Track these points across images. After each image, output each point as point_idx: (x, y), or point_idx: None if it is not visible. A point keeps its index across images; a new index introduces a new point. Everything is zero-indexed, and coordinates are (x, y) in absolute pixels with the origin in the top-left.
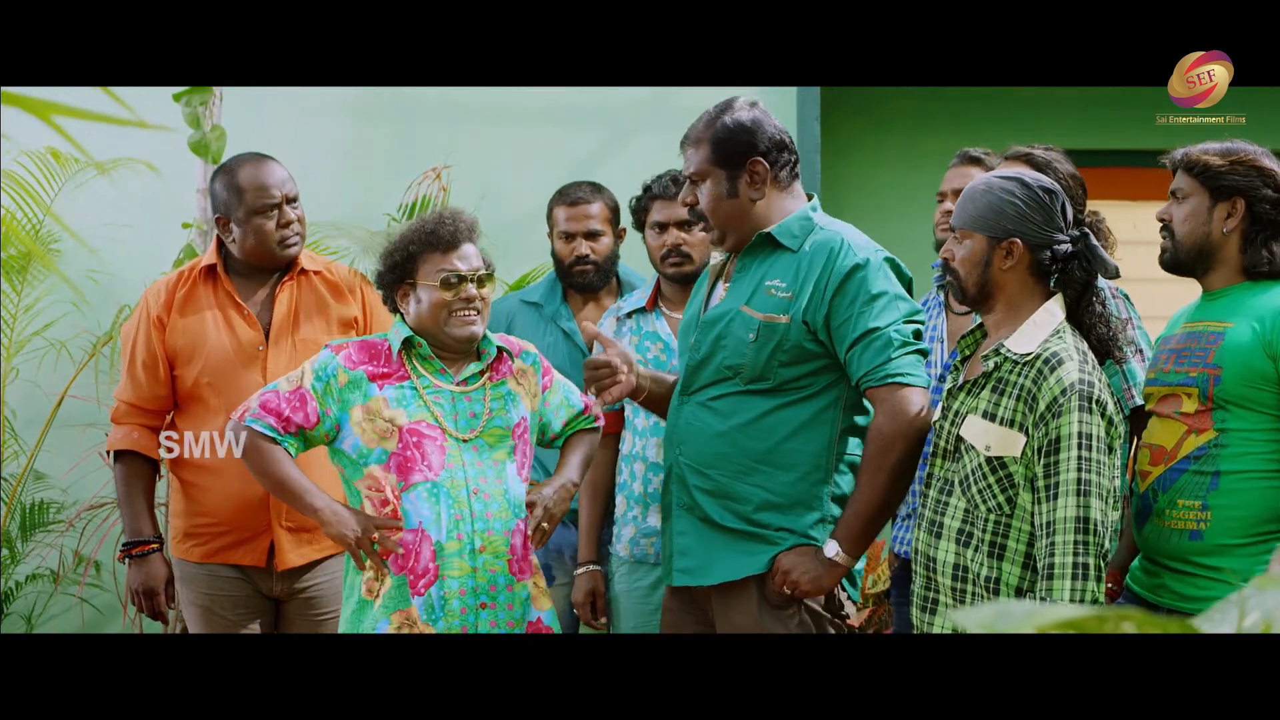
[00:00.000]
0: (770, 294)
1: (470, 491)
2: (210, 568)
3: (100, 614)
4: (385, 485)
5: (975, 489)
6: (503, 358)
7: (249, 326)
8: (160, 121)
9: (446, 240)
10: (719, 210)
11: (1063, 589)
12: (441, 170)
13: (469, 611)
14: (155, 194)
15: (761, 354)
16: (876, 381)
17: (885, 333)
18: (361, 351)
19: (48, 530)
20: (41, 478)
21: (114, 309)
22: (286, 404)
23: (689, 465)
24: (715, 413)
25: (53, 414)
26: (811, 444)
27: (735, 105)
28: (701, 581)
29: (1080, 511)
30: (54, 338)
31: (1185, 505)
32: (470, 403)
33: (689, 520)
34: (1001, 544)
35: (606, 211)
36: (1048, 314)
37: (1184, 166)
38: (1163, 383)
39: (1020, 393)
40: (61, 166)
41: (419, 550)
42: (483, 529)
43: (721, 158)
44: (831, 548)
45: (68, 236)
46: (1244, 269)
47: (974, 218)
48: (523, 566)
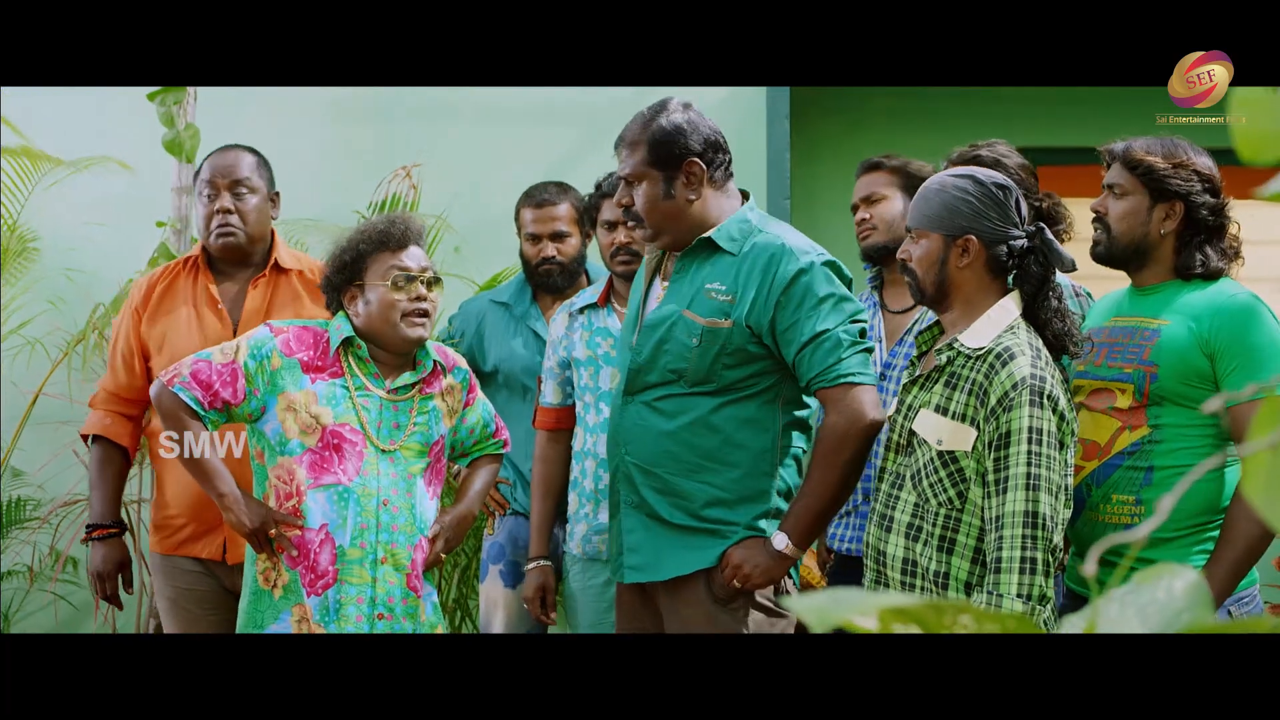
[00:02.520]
0: (711, 297)
1: (380, 502)
2: (174, 560)
3: (76, 610)
4: (295, 479)
5: (926, 483)
6: (436, 372)
7: (218, 322)
8: (134, 120)
9: (396, 240)
10: (655, 211)
11: (1010, 583)
12: (412, 169)
13: (365, 620)
14: (130, 193)
15: (705, 358)
16: (829, 382)
17: (834, 334)
18: (300, 339)
19: (23, 527)
20: (19, 475)
21: (89, 307)
22: (217, 377)
23: (635, 464)
24: (660, 413)
25: (28, 411)
26: (756, 440)
27: (670, 107)
28: (653, 577)
29: (1029, 506)
30: (29, 335)
31: (1120, 500)
32: (396, 412)
33: (637, 518)
34: (951, 538)
35: (573, 212)
36: (1002, 310)
37: (1125, 163)
38: (1094, 376)
39: (972, 387)
40: (35, 165)
41: (319, 551)
42: (387, 540)
43: (657, 159)
44: (780, 540)
45: (45, 235)
46: (1176, 269)
47: (929, 217)
48: (420, 583)
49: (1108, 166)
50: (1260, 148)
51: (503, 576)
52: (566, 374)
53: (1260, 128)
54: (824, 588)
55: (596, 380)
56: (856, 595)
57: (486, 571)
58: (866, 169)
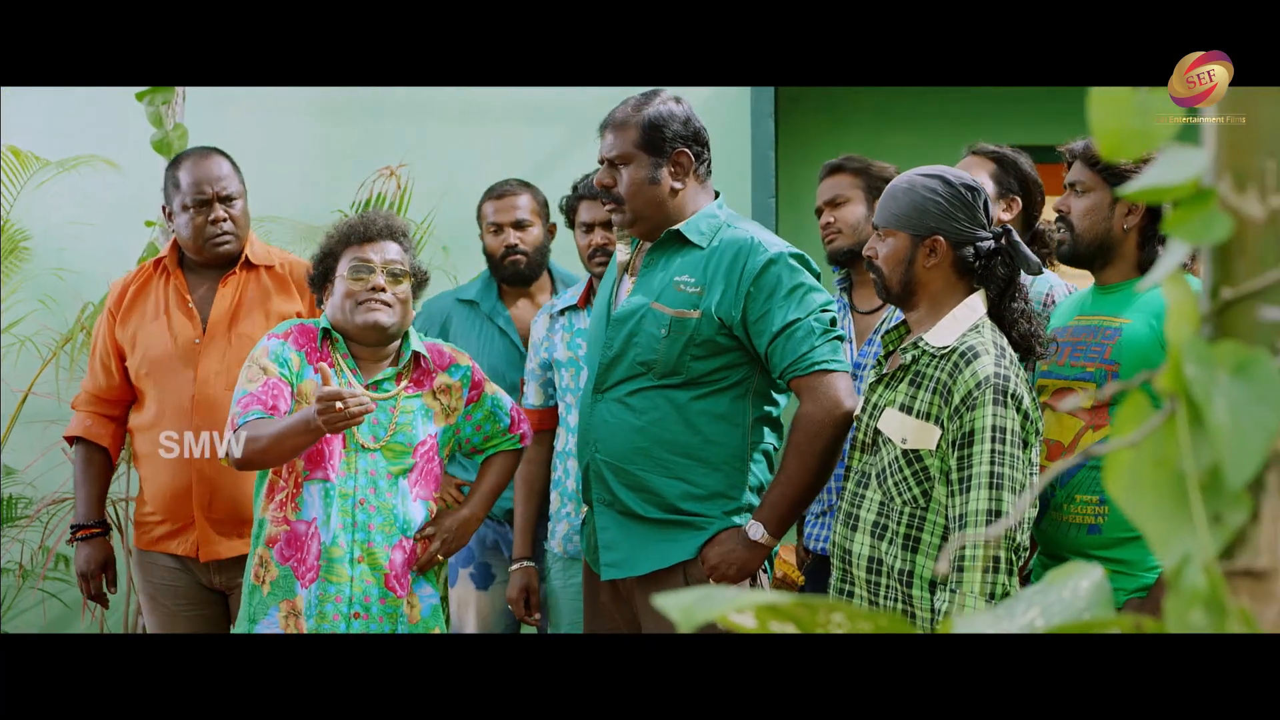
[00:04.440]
0: (679, 289)
1: (356, 501)
2: (152, 556)
3: (67, 608)
4: (292, 471)
5: (891, 482)
6: (425, 370)
7: (187, 320)
8: (122, 120)
9: (361, 234)
10: (639, 195)
11: (973, 581)
12: (397, 168)
13: (341, 619)
14: (119, 193)
15: (673, 349)
16: (802, 371)
17: (805, 322)
18: (302, 335)
19: (14, 525)
20: (11, 473)
21: (79, 306)
22: (268, 396)
23: (606, 462)
24: (630, 409)
25: (17, 410)
26: (728, 436)
27: (663, 95)
28: (630, 572)
29: (992, 505)
30: (20, 334)
31: (1083, 500)
32: (376, 409)
33: (610, 515)
34: (916, 537)
35: (534, 204)
36: (968, 309)
37: (1085, 160)
38: (1057, 375)
39: (936, 385)
40: (22, 165)
41: (309, 544)
42: (363, 540)
43: (648, 143)
44: (756, 529)
45: (35, 234)
46: (1140, 265)
47: (896, 216)
48: (401, 584)
49: (1069, 165)
50: (1121, 146)
51: (473, 579)
52: (548, 375)
53: (1120, 125)
54: (802, 585)
55: (578, 381)
56: (725, 593)
57: (456, 576)
58: (829, 172)
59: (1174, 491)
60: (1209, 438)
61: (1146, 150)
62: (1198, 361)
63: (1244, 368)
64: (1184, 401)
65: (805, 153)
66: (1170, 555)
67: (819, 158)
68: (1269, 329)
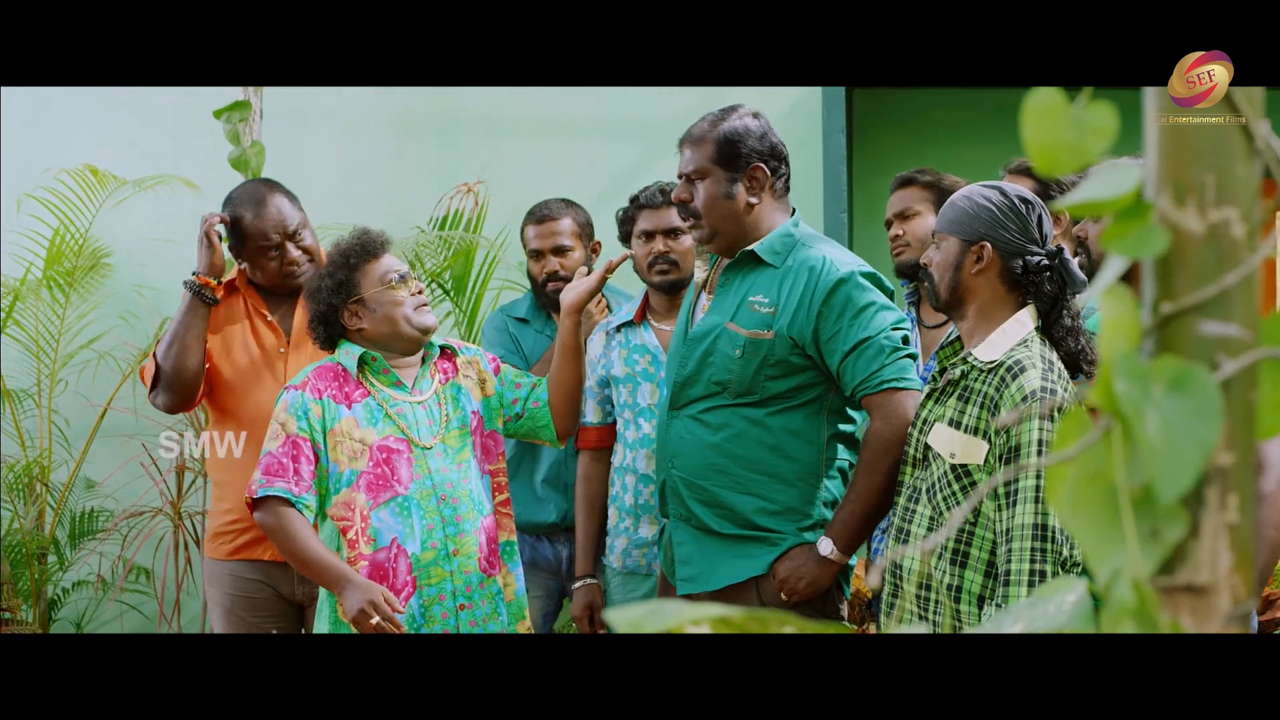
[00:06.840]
0: (754, 309)
1: (439, 499)
2: (234, 565)
3: (146, 620)
4: (355, 508)
5: (940, 496)
6: (447, 355)
7: (271, 334)
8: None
9: (377, 246)
10: (715, 210)
11: (1018, 596)
12: (475, 185)
13: (450, 615)
14: (198, 209)
15: (748, 369)
16: (872, 389)
17: (876, 340)
18: (321, 379)
19: (95, 538)
20: (92, 486)
21: (157, 322)
22: (288, 458)
23: (682, 478)
24: (706, 426)
25: (97, 424)
26: (802, 453)
27: (740, 111)
28: (705, 587)
29: (1039, 519)
30: (99, 349)
31: None
32: (428, 410)
33: (686, 530)
34: (965, 551)
35: (575, 226)
36: (1017, 324)
37: None
38: None
39: (984, 400)
40: (101, 184)
41: (395, 566)
42: (454, 533)
43: (724, 159)
44: (826, 545)
45: (118, 252)
46: None
47: (949, 220)
48: (492, 562)
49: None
50: (1055, 160)
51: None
52: (606, 392)
53: (1054, 139)
54: (870, 600)
55: (635, 397)
56: (675, 606)
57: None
58: (900, 184)
59: (1109, 506)
60: (1142, 453)
61: (1082, 164)
62: (1128, 377)
63: (1180, 382)
64: (1116, 417)
65: (881, 167)
66: (1103, 569)
67: (894, 172)
68: (1209, 343)
